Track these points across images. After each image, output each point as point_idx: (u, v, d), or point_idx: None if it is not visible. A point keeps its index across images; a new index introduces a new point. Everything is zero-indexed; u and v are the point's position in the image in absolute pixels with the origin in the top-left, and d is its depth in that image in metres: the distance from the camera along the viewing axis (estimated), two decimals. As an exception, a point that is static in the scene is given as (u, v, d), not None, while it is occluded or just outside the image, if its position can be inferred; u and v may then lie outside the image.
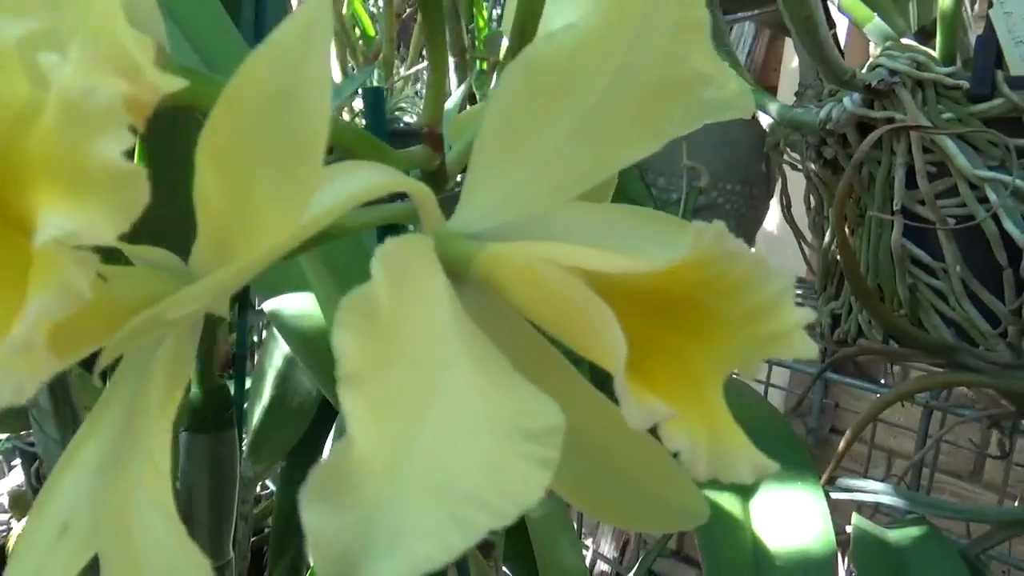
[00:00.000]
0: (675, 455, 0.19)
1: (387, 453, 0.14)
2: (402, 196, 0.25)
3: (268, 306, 0.44)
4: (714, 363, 0.21)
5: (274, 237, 0.15)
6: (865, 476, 0.93)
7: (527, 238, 0.23)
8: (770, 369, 0.95)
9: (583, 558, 0.45)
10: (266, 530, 1.01)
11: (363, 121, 0.31)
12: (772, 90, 1.67)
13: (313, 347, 0.41)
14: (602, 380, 0.24)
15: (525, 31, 0.27)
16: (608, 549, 1.46)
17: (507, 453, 0.16)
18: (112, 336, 0.18)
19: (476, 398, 0.16)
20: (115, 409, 0.22)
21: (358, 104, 1.30)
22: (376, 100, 0.29)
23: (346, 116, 1.28)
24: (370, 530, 0.13)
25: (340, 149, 0.24)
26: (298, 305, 0.44)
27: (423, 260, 0.19)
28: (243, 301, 0.62)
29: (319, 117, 0.15)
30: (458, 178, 0.31)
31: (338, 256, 0.34)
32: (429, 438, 0.15)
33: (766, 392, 1.01)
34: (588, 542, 1.59)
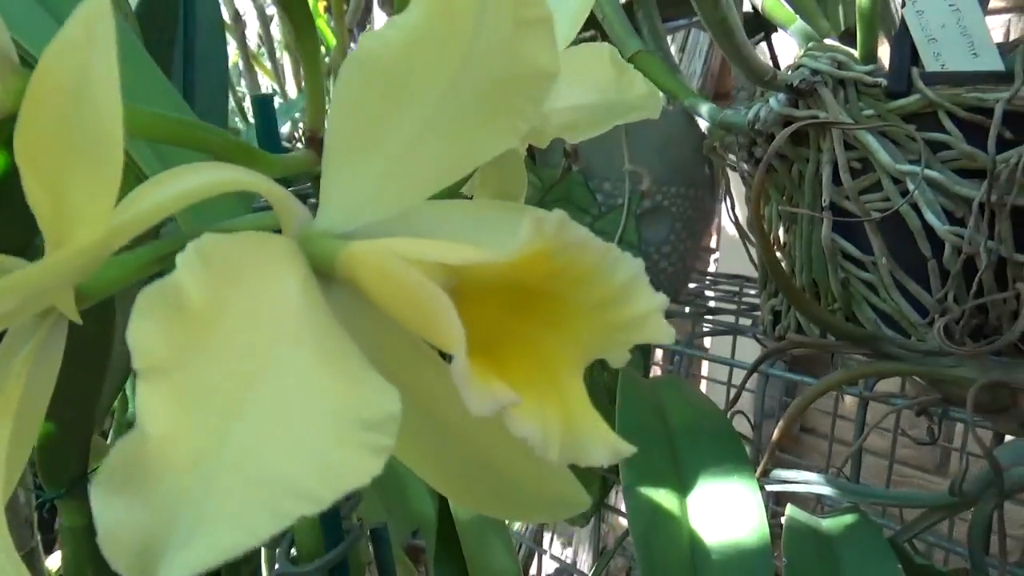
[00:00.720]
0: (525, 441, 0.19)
1: (197, 442, 0.14)
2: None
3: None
4: (570, 350, 0.21)
5: (89, 233, 0.16)
6: (825, 470, 0.94)
7: (395, 234, 0.23)
8: (731, 371, 0.96)
9: (516, 560, 0.45)
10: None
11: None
12: (727, 96, 1.69)
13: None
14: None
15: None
16: (587, 559, 1.46)
17: (337, 441, 0.16)
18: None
19: (309, 389, 0.17)
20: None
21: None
22: (265, 107, 0.30)
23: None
24: (171, 521, 0.13)
25: (212, 155, 0.25)
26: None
27: (268, 256, 0.19)
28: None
29: (112, 114, 0.15)
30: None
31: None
32: (247, 429, 0.15)
33: (728, 393, 1.02)
34: (568, 552, 1.59)
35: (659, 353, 1.43)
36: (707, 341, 1.47)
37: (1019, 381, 0.48)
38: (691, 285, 1.05)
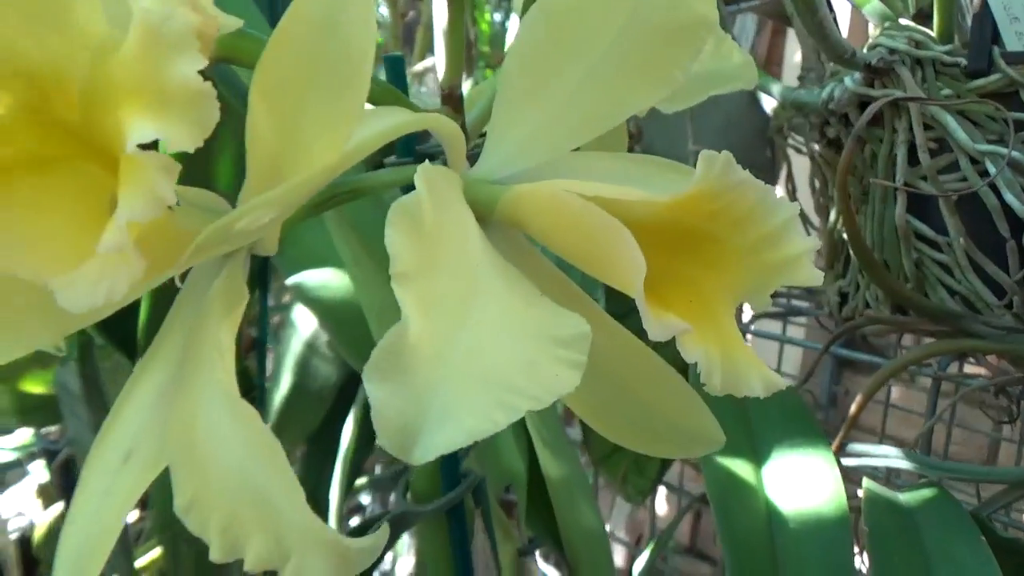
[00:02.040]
0: (693, 365, 0.21)
1: (435, 343, 0.15)
2: (423, 159, 0.26)
3: (291, 280, 0.46)
4: (725, 289, 0.22)
5: (324, 159, 0.17)
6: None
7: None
8: (781, 348, 0.96)
9: (602, 521, 0.47)
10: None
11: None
12: (775, 84, 1.68)
13: (337, 315, 0.43)
14: (617, 315, 0.25)
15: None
16: (622, 535, 1.47)
17: (541, 353, 0.17)
18: (172, 268, 0.20)
19: (510, 306, 0.18)
20: (169, 348, 0.24)
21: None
22: (396, 67, 0.31)
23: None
24: (424, 408, 0.15)
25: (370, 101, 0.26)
26: (320, 278, 0.45)
27: (455, 189, 0.20)
28: (263, 286, 0.64)
29: (364, 44, 0.16)
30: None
31: (362, 220, 0.35)
32: (471, 335, 0.16)
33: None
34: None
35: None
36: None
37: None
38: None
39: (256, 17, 0.41)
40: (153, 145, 0.17)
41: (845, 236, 0.75)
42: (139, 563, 0.87)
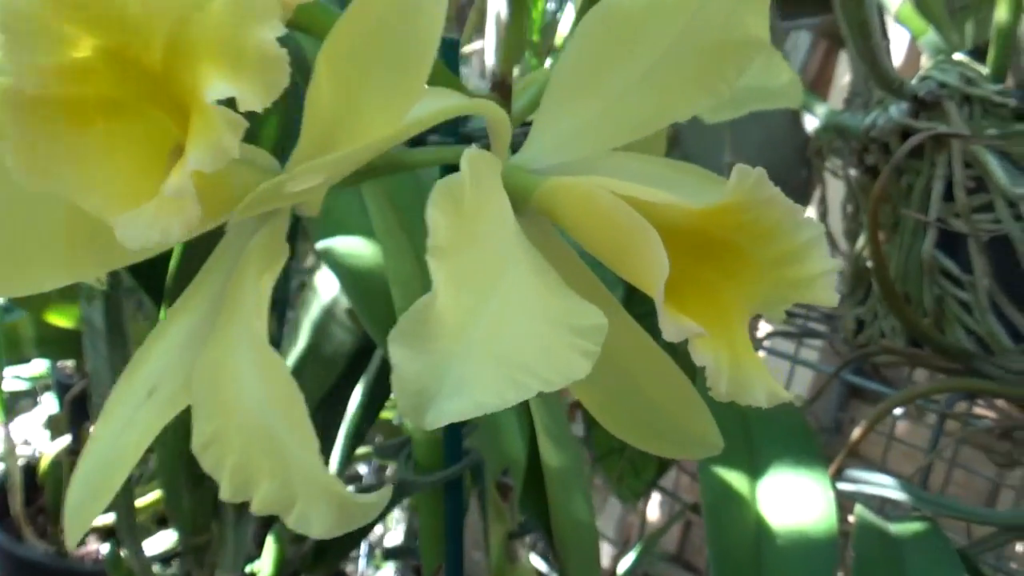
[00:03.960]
0: (701, 369, 0.21)
1: (460, 316, 0.16)
2: (465, 141, 0.27)
3: (321, 245, 0.47)
4: (742, 300, 0.23)
5: (381, 131, 0.18)
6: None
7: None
8: (792, 369, 0.96)
9: (594, 516, 0.48)
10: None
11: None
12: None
13: (362, 284, 0.44)
14: (634, 315, 0.26)
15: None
16: (611, 535, 1.48)
17: (557, 339, 0.18)
18: (220, 218, 0.21)
19: (534, 291, 0.19)
20: (203, 295, 0.25)
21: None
22: (450, 50, 0.32)
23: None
24: (441, 376, 0.16)
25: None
26: (351, 244, 0.46)
27: (494, 174, 0.21)
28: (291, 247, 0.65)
29: (433, 25, 0.17)
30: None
31: (399, 193, 0.36)
32: (494, 312, 0.17)
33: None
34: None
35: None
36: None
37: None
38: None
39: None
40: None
41: (870, 264, 0.75)
42: (138, 503, 0.89)
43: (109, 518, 0.83)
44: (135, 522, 0.69)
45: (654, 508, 1.41)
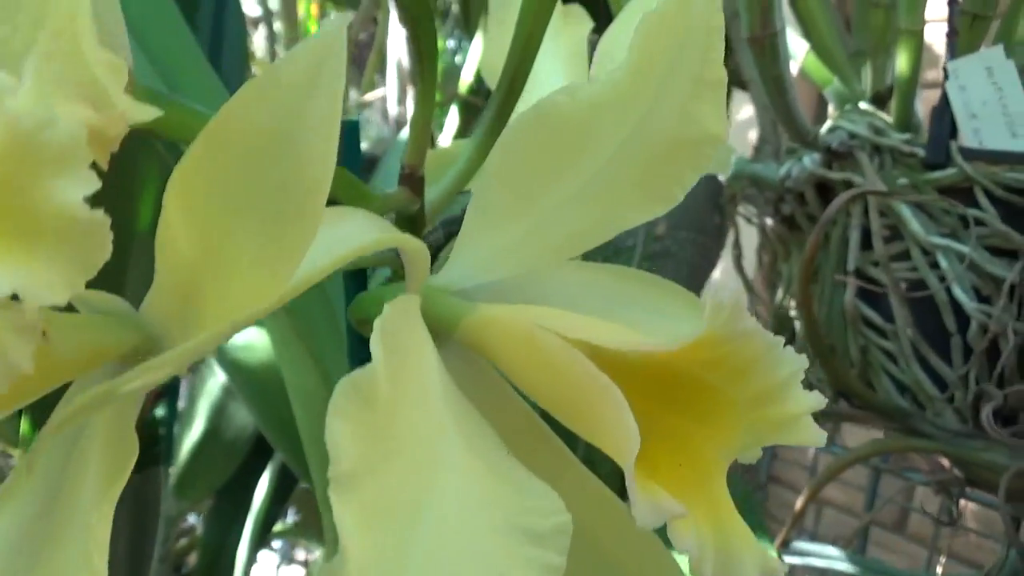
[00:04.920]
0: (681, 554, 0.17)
1: (383, 566, 0.12)
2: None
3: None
4: (720, 449, 0.19)
5: (256, 302, 0.13)
6: (813, 535, 0.92)
7: (518, 298, 0.21)
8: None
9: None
10: (183, 569, 0.95)
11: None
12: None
13: (258, 384, 0.38)
14: (587, 456, 0.22)
15: (515, 80, 0.25)
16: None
17: (511, 558, 0.14)
18: (48, 385, 0.16)
19: (475, 492, 0.14)
20: (39, 479, 0.19)
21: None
22: (351, 134, 0.27)
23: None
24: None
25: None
26: (245, 337, 0.41)
27: (414, 329, 0.17)
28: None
29: (323, 166, 0.13)
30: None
31: (296, 301, 0.31)
32: (426, 544, 0.13)
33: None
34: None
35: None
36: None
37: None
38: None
39: (192, 48, 0.37)
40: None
41: (791, 313, 0.75)
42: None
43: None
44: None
45: None
